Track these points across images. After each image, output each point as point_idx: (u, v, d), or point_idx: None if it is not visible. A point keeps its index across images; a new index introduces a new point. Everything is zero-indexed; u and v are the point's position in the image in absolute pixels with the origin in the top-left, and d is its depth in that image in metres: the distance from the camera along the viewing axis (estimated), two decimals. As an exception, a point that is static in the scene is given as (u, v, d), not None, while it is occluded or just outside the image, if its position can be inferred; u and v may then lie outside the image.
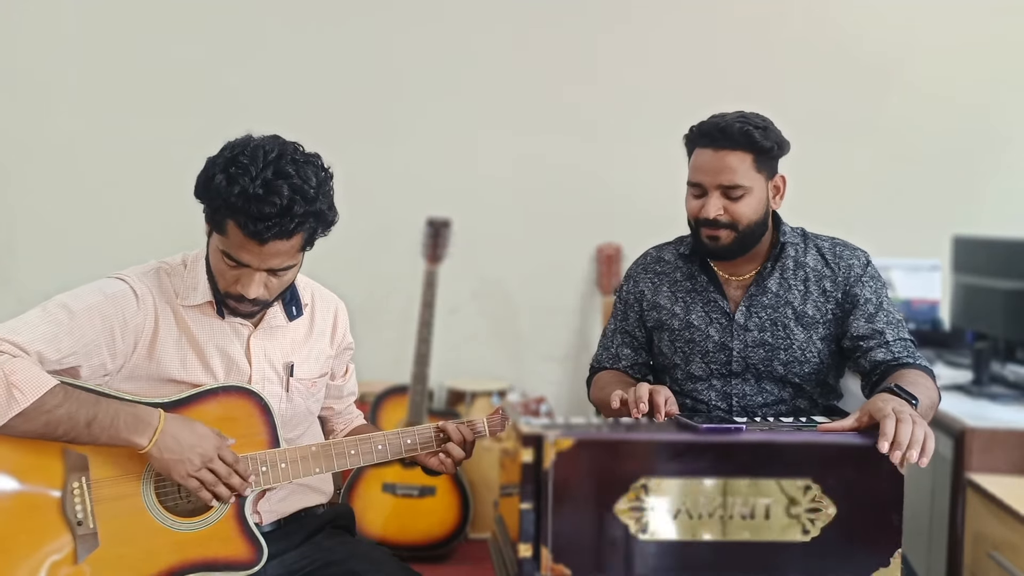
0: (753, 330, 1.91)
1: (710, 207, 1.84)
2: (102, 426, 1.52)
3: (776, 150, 1.86)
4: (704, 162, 1.86)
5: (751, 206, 1.85)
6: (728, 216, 1.85)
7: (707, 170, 1.85)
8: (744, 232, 1.86)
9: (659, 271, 2.02)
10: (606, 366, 2.06)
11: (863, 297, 1.88)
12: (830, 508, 1.44)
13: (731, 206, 1.84)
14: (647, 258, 2.07)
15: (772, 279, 1.92)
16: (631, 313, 2.04)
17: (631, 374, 2.03)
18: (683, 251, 2.00)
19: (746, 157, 1.83)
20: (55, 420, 1.50)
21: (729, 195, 1.84)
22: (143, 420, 1.55)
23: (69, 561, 1.54)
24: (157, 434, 1.54)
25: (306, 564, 1.73)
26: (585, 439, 1.42)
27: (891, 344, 1.83)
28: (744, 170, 1.83)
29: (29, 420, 1.49)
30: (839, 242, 1.96)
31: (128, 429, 1.53)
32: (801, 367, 1.90)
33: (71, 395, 1.52)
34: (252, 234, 1.53)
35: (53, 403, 1.49)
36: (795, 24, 3.75)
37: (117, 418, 1.53)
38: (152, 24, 3.69)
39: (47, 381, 1.50)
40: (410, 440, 1.74)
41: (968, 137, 3.75)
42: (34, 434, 1.51)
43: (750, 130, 1.82)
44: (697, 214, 1.88)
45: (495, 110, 3.75)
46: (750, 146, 1.83)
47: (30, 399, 1.47)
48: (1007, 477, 2.25)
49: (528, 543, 1.41)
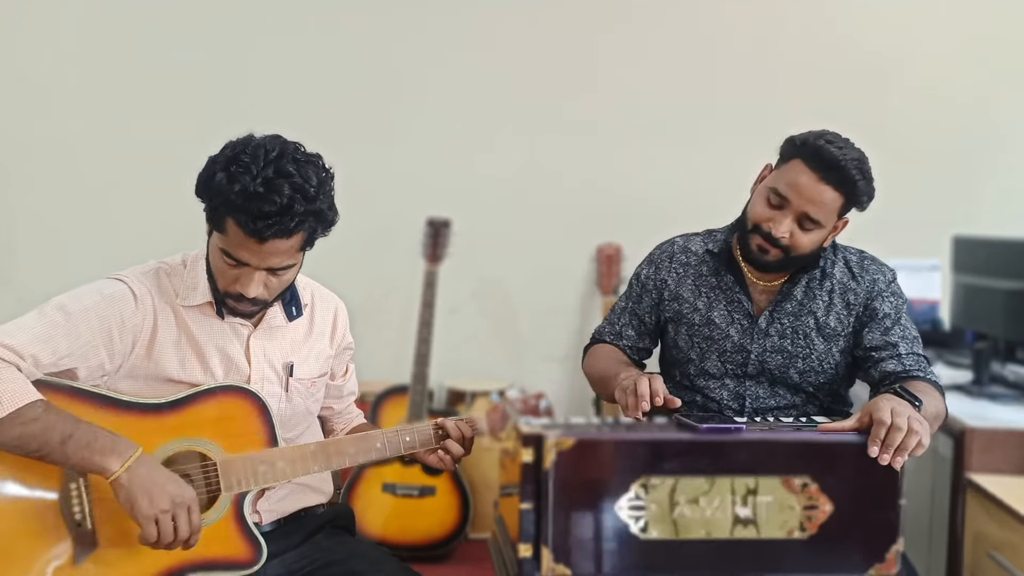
0: (774, 336, 1.90)
1: (782, 227, 1.80)
2: (77, 445, 1.49)
3: (864, 203, 1.82)
4: (799, 181, 1.78)
5: (815, 241, 1.83)
6: (790, 242, 1.81)
7: (797, 191, 1.78)
8: (793, 258, 1.83)
9: (685, 262, 1.99)
10: (607, 340, 2.04)
11: (882, 311, 1.87)
12: (827, 505, 1.45)
13: (799, 234, 1.80)
14: (674, 246, 2.02)
15: (798, 287, 1.90)
16: (646, 297, 2.01)
17: (629, 355, 2.01)
18: (711, 247, 1.97)
19: (839, 198, 1.79)
20: (29, 434, 1.48)
21: (803, 224, 1.80)
22: (119, 448, 1.51)
23: (68, 562, 1.54)
24: (131, 461, 1.50)
25: (306, 564, 1.73)
26: (585, 439, 1.42)
27: (903, 357, 1.82)
28: (831, 210, 1.80)
29: (2, 431, 1.47)
30: (867, 256, 1.95)
31: (102, 453, 1.49)
32: (816, 377, 1.90)
33: (51, 411, 1.50)
34: (252, 232, 1.53)
35: (30, 416, 1.48)
36: (794, 24, 3.75)
37: (95, 440, 1.50)
38: (152, 25, 3.69)
39: (28, 394, 1.49)
40: (409, 438, 1.74)
41: (968, 137, 3.75)
42: (6, 447, 1.49)
43: (857, 179, 1.77)
44: (762, 222, 1.83)
45: (495, 110, 3.75)
46: (849, 191, 1.78)
47: (6, 410, 1.47)
48: (1007, 477, 2.25)
49: (528, 543, 1.41)
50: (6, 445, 1.49)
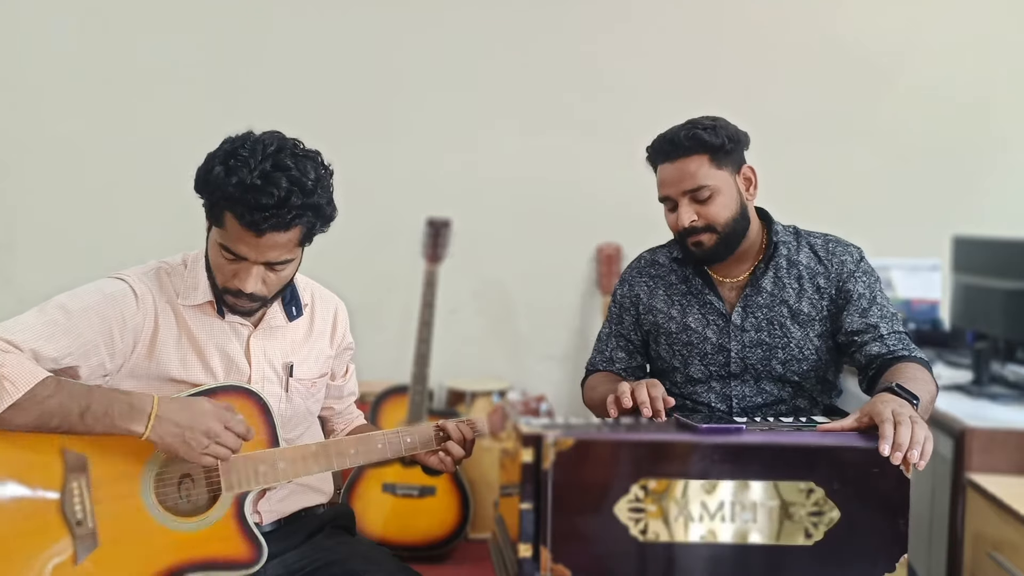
0: (750, 330, 1.91)
1: (683, 215, 1.87)
2: (96, 416, 1.51)
3: (729, 144, 1.87)
4: (666, 176, 1.89)
5: (723, 203, 1.87)
6: (703, 220, 1.87)
7: (670, 182, 1.88)
8: (725, 232, 1.88)
9: (654, 274, 2.03)
10: (600, 369, 2.06)
11: (856, 292, 1.89)
12: (833, 512, 1.43)
13: (702, 209, 1.87)
14: (641, 261, 2.08)
15: (766, 279, 1.93)
16: (626, 316, 2.05)
17: (625, 376, 2.03)
18: (676, 255, 2.01)
19: (702, 159, 1.86)
20: (48, 411, 1.49)
21: (697, 198, 1.86)
22: (137, 407, 1.53)
23: (69, 561, 1.54)
24: (152, 419, 1.52)
25: (306, 564, 1.73)
26: (585, 439, 1.42)
27: (886, 337, 1.84)
28: (704, 171, 1.85)
29: (23, 412, 1.48)
30: (832, 238, 1.97)
31: (123, 417, 1.51)
32: (799, 365, 1.91)
33: (63, 386, 1.51)
34: (249, 224, 1.53)
35: (44, 394, 1.49)
36: (794, 24, 3.75)
37: (111, 407, 1.52)
38: (152, 24, 3.70)
39: (38, 373, 1.50)
40: (410, 439, 1.74)
41: (968, 137, 3.75)
42: (29, 427, 1.50)
43: (697, 132, 1.85)
44: (675, 227, 1.91)
45: (495, 110, 3.75)
46: (702, 147, 1.85)
47: (21, 390, 1.47)
48: (1007, 477, 2.25)
49: (528, 543, 1.41)
50: (28, 426, 1.50)
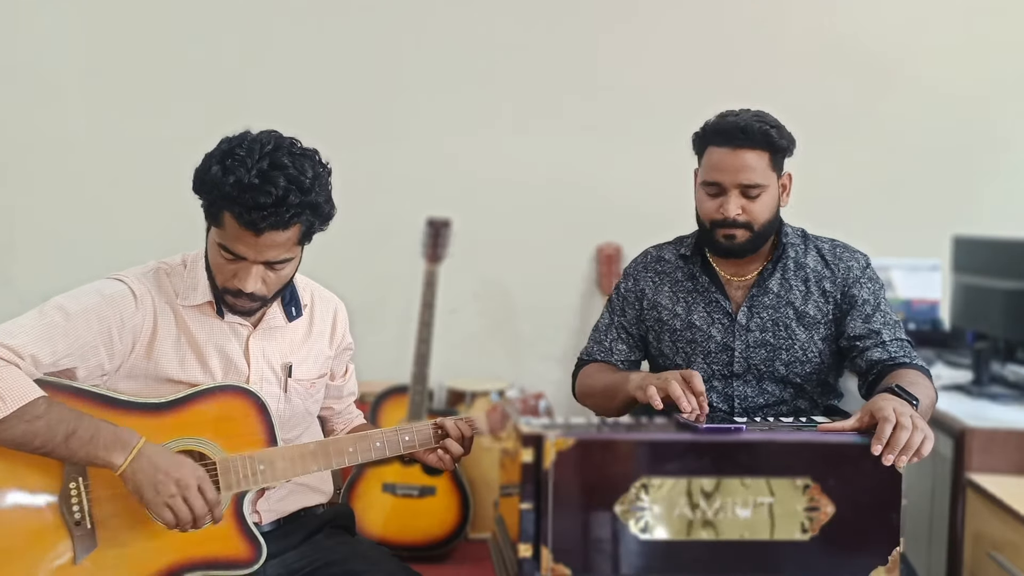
0: (755, 330, 1.91)
1: (730, 206, 1.83)
2: (81, 441, 1.50)
3: (789, 149, 1.87)
4: (722, 161, 1.84)
5: (767, 205, 1.86)
6: (746, 216, 1.84)
7: (726, 169, 1.83)
8: (759, 232, 1.87)
9: (660, 270, 2.02)
10: (597, 359, 2.04)
11: (861, 298, 1.89)
12: (828, 507, 1.44)
13: (749, 205, 1.84)
14: (647, 257, 2.06)
15: (773, 279, 1.92)
16: (629, 310, 2.03)
17: (622, 369, 2.01)
18: (683, 252, 2.00)
19: (764, 156, 1.83)
20: (32, 431, 1.49)
21: (748, 194, 1.84)
22: (123, 439, 1.53)
23: (68, 561, 1.54)
24: (135, 452, 1.52)
25: (306, 564, 1.73)
26: (585, 439, 1.42)
27: (888, 344, 1.84)
28: (762, 169, 1.83)
29: (7, 428, 1.48)
30: (839, 244, 1.97)
31: (106, 447, 1.51)
32: (802, 367, 1.91)
33: (54, 408, 1.51)
34: (247, 224, 1.53)
35: (34, 414, 1.49)
36: (795, 24, 3.75)
37: (98, 434, 1.52)
38: (152, 24, 3.69)
39: (31, 392, 1.50)
40: (408, 437, 1.74)
41: (968, 137, 3.74)
42: (11, 444, 1.50)
43: (768, 129, 1.82)
44: (713, 214, 1.86)
45: (495, 110, 3.75)
46: (768, 145, 1.83)
47: (11, 408, 1.47)
48: (1007, 477, 2.25)
49: (528, 543, 1.41)
50: (10, 443, 1.50)
